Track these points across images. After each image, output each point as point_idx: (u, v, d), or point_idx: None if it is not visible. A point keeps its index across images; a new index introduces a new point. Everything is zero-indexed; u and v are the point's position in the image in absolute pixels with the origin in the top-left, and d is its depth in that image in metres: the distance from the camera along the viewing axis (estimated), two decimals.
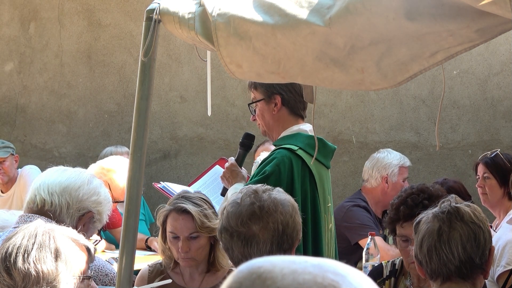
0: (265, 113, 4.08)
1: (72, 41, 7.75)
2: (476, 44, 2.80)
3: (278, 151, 3.97)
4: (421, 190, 3.73)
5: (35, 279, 2.51)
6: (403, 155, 6.16)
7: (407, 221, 3.65)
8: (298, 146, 3.95)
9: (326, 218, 4.08)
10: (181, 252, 3.74)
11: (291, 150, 3.95)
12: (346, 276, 1.24)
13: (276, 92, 4.04)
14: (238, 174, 4.12)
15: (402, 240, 3.71)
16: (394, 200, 3.77)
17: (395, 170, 5.86)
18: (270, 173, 3.86)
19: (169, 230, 3.78)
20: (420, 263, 2.96)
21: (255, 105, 4.11)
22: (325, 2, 2.90)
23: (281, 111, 4.06)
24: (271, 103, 4.06)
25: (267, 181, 3.71)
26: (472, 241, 2.92)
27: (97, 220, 3.42)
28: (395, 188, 5.77)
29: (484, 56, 7.05)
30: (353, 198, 5.91)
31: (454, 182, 5.41)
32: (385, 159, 5.92)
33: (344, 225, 5.60)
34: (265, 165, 3.92)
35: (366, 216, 5.71)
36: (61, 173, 3.44)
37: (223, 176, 4.15)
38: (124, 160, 5.60)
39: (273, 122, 4.07)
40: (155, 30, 3.22)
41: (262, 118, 4.10)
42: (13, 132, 7.88)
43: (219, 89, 7.32)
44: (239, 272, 1.26)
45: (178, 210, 3.76)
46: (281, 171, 3.87)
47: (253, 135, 4.34)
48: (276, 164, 3.89)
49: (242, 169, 4.19)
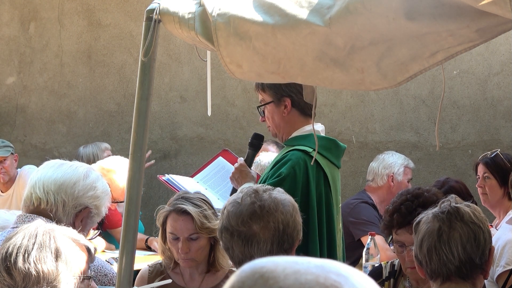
0: (275, 115, 4.04)
1: (72, 41, 7.75)
2: (476, 44, 2.81)
3: (292, 152, 3.93)
4: (416, 196, 3.70)
5: (36, 279, 2.51)
6: (403, 155, 6.20)
7: (401, 228, 3.64)
8: (312, 148, 3.91)
9: (338, 218, 4.07)
10: (181, 253, 3.74)
11: (306, 152, 3.92)
12: (349, 277, 1.24)
13: (285, 95, 4.00)
14: (247, 175, 4.08)
15: (398, 245, 3.71)
16: (389, 206, 3.76)
17: (401, 169, 5.97)
18: (286, 175, 3.83)
19: (169, 231, 3.78)
20: (420, 263, 2.96)
21: (263, 106, 4.09)
22: (325, 2, 2.90)
23: (291, 112, 4.02)
24: (281, 106, 4.02)
25: (283, 183, 3.71)
26: (472, 241, 2.92)
27: (95, 214, 3.40)
28: (399, 188, 5.78)
29: (484, 56, 7.05)
30: (359, 196, 5.94)
31: (456, 181, 5.41)
32: (391, 159, 6.04)
33: (350, 220, 5.62)
34: (280, 166, 3.88)
35: (373, 213, 5.74)
36: (57, 168, 3.39)
37: (232, 177, 4.10)
38: (124, 160, 5.60)
39: (284, 123, 4.04)
40: (155, 30, 3.22)
41: (272, 120, 4.06)
42: (13, 132, 7.88)
43: (219, 89, 7.32)
44: (242, 271, 1.26)
45: (177, 211, 3.76)
46: (296, 173, 3.85)
47: (262, 135, 4.28)
48: (292, 166, 3.86)
49: (251, 169, 4.17)
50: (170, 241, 3.79)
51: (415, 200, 3.67)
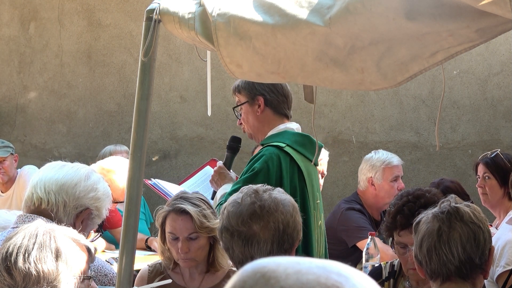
0: (249, 115, 4.13)
1: (72, 41, 7.75)
2: (476, 44, 2.81)
3: (266, 148, 4.02)
4: (418, 196, 3.70)
5: (36, 279, 2.51)
6: (399, 154, 6.13)
7: (404, 229, 3.64)
8: (285, 143, 4.01)
9: (316, 214, 4.10)
10: (180, 253, 3.74)
11: (279, 147, 4.00)
12: (350, 277, 1.25)
13: (258, 93, 4.10)
14: (226, 176, 4.19)
15: (400, 247, 3.70)
16: (391, 207, 3.76)
17: (379, 171, 5.77)
18: (259, 170, 3.91)
19: (168, 231, 3.78)
20: (420, 263, 2.96)
21: (239, 109, 4.16)
22: (325, 2, 2.90)
23: (265, 112, 4.11)
24: (255, 105, 4.11)
25: (256, 178, 3.81)
26: (472, 241, 2.92)
27: (96, 216, 3.40)
28: (383, 190, 5.75)
29: (484, 56, 7.05)
30: (349, 200, 5.89)
31: (451, 182, 5.40)
32: (370, 161, 5.85)
33: (341, 228, 5.61)
34: (254, 162, 3.97)
35: (361, 218, 5.69)
36: (58, 169, 3.40)
37: (212, 180, 4.24)
38: (124, 161, 5.60)
39: (258, 123, 4.13)
40: (155, 30, 3.22)
41: (247, 121, 4.15)
42: (13, 132, 7.88)
43: (219, 89, 7.32)
44: (244, 271, 1.27)
45: (177, 211, 3.76)
46: (269, 168, 3.92)
47: (239, 137, 4.39)
48: (265, 161, 3.93)
49: (231, 171, 4.23)
50: (169, 241, 3.79)
51: (417, 201, 3.66)
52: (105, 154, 6.79)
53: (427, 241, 2.91)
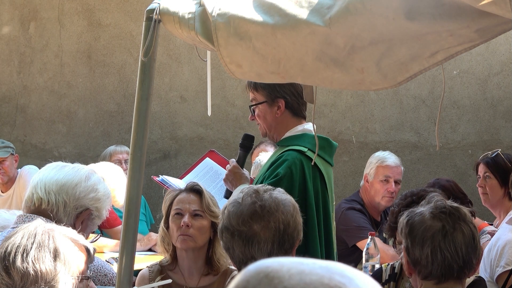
0: (267, 115, 4.05)
1: (72, 41, 7.75)
2: (476, 44, 2.81)
3: (287, 153, 3.95)
4: (422, 197, 3.70)
5: (34, 278, 2.51)
6: (399, 154, 6.13)
7: None
8: (307, 148, 3.95)
9: (333, 216, 4.10)
10: (182, 226, 3.76)
11: (301, 151, 3.94)
12: (353, 278, 1.25)
13: (279, 96, 4.01)
14: (241, 176, 4.13)
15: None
16: (394, 207, 3.76)
17: (373, 169, 5.80)
18: (283, 176, 3.86)
19: (175, 208, 3.85)
20: (416, 263, 2.93)
21: (255, 105, 4.10)
22: (325, 2, 2.90)
23: (284, 113, 4.04)
24: (274, 106, 4.03)
25: (280, 183, 3.73)
26: (472, 242, 2.92)
27: (96, 216, 3.41)
28: (373, 188, 5.75)
29: (484, 56, 7.05)
30: (349, 200, 5.89)
31: (447, 181, 5.39)
32: (370, 158, 5.92)
33: (341, 228, 5.60)
34: (277, 167, 3.90)
35: (361, 218, 5.68)
36: (59, 170, 3.41)
37: (226, 179, 4.15)
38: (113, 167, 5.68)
39: (276, 124, 4.06)
40: (155, 30, 3.22)
41: (264, 120, 4.07)
42: (13, 132, 7.88)
43: (219, 89, 7.32)
44: (247, 271, 1.27)
45: (188, 189, 3.89)
46: (293, 173, 3.87)
47: (252, 136, 4.32)
48: (288, 166, 3.88)
49: (244, 170, 4.18)
50: (173, 220, 3.83)
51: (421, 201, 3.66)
52: (106, 155, 6.79)
53: (431, 240, 2.90)
